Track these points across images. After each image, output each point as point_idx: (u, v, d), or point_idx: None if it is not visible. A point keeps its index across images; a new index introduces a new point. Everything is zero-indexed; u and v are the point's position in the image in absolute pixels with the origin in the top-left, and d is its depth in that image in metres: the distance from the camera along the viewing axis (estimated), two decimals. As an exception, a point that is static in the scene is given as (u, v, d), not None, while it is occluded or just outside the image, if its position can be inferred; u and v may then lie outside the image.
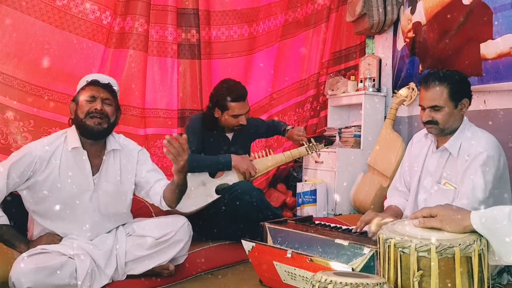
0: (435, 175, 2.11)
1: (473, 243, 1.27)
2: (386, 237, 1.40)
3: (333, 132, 3.83)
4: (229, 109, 2.69)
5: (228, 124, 2.75)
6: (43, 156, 1.93)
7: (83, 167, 1.99)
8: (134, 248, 2.03)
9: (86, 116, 1.95)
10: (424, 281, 1.31)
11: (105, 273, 1.96)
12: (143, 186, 2.12)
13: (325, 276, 1.34)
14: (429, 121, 2.05)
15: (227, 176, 2.71)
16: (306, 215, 2.95)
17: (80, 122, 1.96)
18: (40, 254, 1.80)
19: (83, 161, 1.99)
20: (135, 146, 2.18)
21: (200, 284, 2.12)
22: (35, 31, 2.70)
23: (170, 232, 2.03)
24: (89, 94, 1.98)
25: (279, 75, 3.83)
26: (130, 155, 2.12)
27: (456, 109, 2.03)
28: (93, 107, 1.96)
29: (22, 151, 1.95)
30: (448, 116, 2.02)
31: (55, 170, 1.94)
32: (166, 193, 2.04)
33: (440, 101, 2.01)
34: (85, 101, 1.97)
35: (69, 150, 1.97)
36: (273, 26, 3.71)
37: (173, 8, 3.24)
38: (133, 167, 2.12)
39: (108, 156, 2.05)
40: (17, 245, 1.92)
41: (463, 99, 2.04)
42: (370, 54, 3.84)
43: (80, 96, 1.99)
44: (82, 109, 1.96)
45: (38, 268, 1.73)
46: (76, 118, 1.98)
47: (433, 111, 2.04)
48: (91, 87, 2.00)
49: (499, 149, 1.98)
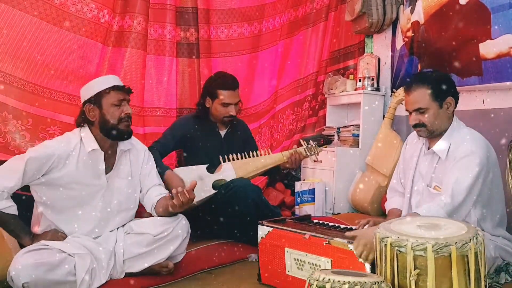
0: (426, 178, 2.10)
1: (469, 241, 1.28)
2: (383, 236, 1.40)
3: (332, 131, 3.83)
4: (219, 96, 2.79)
5: (218, 114, 2.83)
6: (61, 155, 1.99)
7: (98, 167, 2.07)
8: (132, 246, 2.04)
9: (119, 121, 2.05)
10: (420, 280, 1.32)
11: (105, 271, 1.98)
12: (141, 188, 2.21)
13: (323, 275, 1.35)
14: (417, 124, 2.05)
15: (225, 172, 2.71)
16: (304, 214, 2.95)
17: (111, 127, 2.05)
18: (40, 250, 1.82)
19: (99, 161, 2.07)
20: (142, 146, 2.29)
21: (198, 282, 2.12)
22: (33, 29, 2.69)
23: (167, 229, 2.04)
24: (117, 98, 2.06)
25: (280, 74, 3.83)
26: (138, 154, 2.22)
27: (442, 109, 2.02)
28: (123, 112, 2.06)
29: (42, 147, 2.01)
30: (435, 117, 2.01)
31: (71, 170, 2.01)
32: (158, 208, 2.13)
33: (423, 103, 2.01)
34: (113, 105, 2.05)
35: (87, 152, 2.04)
36: (274, 26, 3.71)
37: (172, 7, 3.23)
38: (139, 166, 2.21)
39: (120, 154, 2.14)
40: (22, 236, 1.96)
41: (447, 97, 2.02)
42: (369, 53, 3.83)
43: (105, 100, 2.05)
44: (112, 114, 2.04)
45: (37, 263, 1.75)
46: (103, 122, 2.05)
47: (419, 113, 2.03)
48: (116, 92, 2.07)
49: (487, 149, 1.97)
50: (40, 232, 2.03)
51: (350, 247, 1.65)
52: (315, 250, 1.77)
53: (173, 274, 2.12)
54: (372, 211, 3.22)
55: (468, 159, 1.92)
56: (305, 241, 1.79)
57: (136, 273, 2.05)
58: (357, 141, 3.60)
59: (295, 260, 1.83)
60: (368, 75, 3.68)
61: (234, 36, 3.50)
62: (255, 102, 3.68)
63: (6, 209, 1.91)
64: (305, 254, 1.79)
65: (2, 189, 1.90)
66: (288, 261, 1.86)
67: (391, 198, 2.32)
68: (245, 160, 2.78)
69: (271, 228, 1.95)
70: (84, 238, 2.01)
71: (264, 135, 3.75)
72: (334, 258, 1.72)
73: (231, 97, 2.79)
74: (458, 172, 1.92)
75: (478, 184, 1.91)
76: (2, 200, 1.90)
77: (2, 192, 1.90)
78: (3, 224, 1.94)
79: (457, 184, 1.90)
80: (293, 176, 3.96)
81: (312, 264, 1.78)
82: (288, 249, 1.86)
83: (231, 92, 2.79)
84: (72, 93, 2.87)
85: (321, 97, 4.06)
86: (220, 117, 2.84)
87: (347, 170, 3.47)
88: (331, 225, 2.11)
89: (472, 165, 1.90)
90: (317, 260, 1.76)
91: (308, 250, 1.79)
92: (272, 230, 1.94)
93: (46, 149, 1.99)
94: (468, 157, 1.92)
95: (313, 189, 3.43)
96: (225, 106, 2.80)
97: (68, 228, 2.04)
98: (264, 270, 2.01)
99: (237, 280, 2.13)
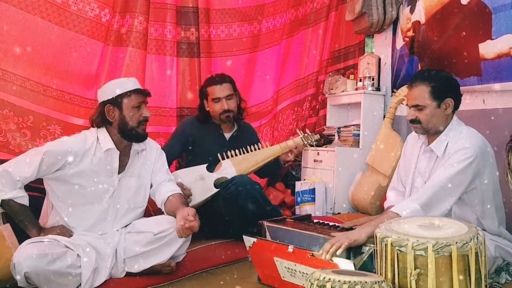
0: (425, 176, 2.11)
1: (470, 241, 1.28)
2: (383, 236, 1.41)
3: (332, 131, 3.82)
4: (209, 94, 2.87)
5: (215, 113, 2.88)
6: (77, 152, 2.03)
7: (112, 165, 2.10)
8: (133, 245, 2.05)
9: (138, 124, 2.12)
10: (421, 280, 1.32)
11: (107, 270, 1.99)
12: (151, 184, 2.25)
13: (323, 274, 1.35)
14: (413, 120, 2.06)
15: (225, 169, 2.71)
16: (304, 213, 2.95)
17: (130, 129, 2.10)
18: (44, 242, 1.84)
19: (114, 160, 2.11)
20: (154, 145, 2.33)
21: (199, 282, 2.12)
22: (34, 28, 2.69)
23: (169, 228, 2.04)
24: (138, 101, 2.13)
25: (281, 74, 3.83)
26: (151, 153, 2.27)
27: (439, 108, 2.02)
28: (142, 115, 2.13)
29: (60, 142, 2.07)
30: (431, 116, 2.02)
31: (86, 167, 2.05)
32: (168, 206, 2.16)
33: (422, 100, 2.02)
34: (133, 107, 2.11)
35: (102, 151, 2.07)
36: (275, 25, 3.70)
37: (172, 6, 3.24)
38: (151, 164, 2.25)
39: (134, 155, 2.19)
40: (30, 228, 1.99)
41: (447, 98, 2.02)
42: (369, 53, 3.83)
43: (126, 102, 2.10)
44: (132, 117, 2.10)
45: (40, 254, 1.77)
46: (123, 123, 2.10)
47: (416, 110, 2.04)
48: (137, 95, 2.13)
49: (482, 145, 1.97)
50: (48, 226, 2.07)
51: (335, 261, 1.62)
52: (302, 261, 1.74)
53: (173, 274, 2.12)
54: (372, 210, 3.22)
55: (459, 153, 1.92)
56: (291, 253, 1.76)
57: (137, 272, 2.05)
58: (357, 141, 3.60)
59: (286, 268, 1.81)
60: (369, 75, 3.67)
61: (234, 35, 3.51)
62: (255, 101, 3.67)
63: (18, 199, 1.95)
64: (294, 264, 1.76)
65: (18, 178, 1.94)
66: (280, 269, 1.84)
67: (390, 197, 2.33)
68: (244, 155, 2.79)
69: (255, 239, 1.90)
70: (90, 236, 2.04)
71: (265, 135, 3.75)
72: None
73: (219, 91, 2.85)
74: (444, 165, 1.94)
75: (466, 176, 1.90)
76: (16, 189, 1.95)
77: (17, 181, 1.94)
78: (14, 214, 1.98)
79: (436, 176, 1.91)
80: (293, 176, 3.96)
81: (303, 273, 1.75)
82: (277, 259, 1.83)
83: (218, 86, 2.86)
84: (73, 92, 2.87)
85: (321, 97, 4.06)
86: (218, 115, 2.87)
87: (347, 170, 3.47)
88: (331, 225, 2.11)
89: (461, 158, 1.91)
90: (307, 270, 1.72)
91: (295, 261, 1.76)
92: (256, 241, 1.90)
93: (63, 144, 2.03)
94: (460, 151, 1.93)
95: (313, 189, 3.42)
96: (217, 102, 2.85)
97: (77, 223, 2.06)
98: (261, 273, 2.01)
99: (237, 279, 2.13)
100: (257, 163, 2.79)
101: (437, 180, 1.91)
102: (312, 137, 2.94)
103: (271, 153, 2.84)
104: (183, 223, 1.93)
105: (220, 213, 2.61)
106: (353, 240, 1.69)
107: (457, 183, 1.90)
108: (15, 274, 1.77)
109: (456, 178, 1.89)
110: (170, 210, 2.12)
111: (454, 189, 1.90)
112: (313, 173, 3.66)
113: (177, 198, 2.17)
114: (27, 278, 1.76)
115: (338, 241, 1.67)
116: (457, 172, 1.89)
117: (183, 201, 2.20)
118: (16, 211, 1.97)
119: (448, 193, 1.89)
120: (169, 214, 2.13)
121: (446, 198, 1.90)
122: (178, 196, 2.19)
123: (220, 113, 2.85)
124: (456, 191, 1.91)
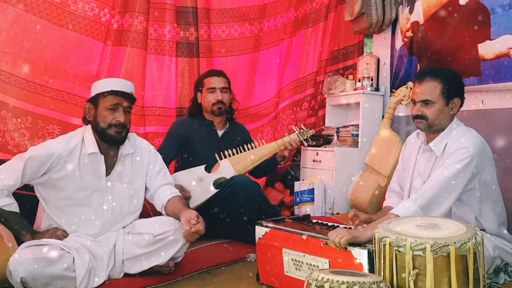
0: (424, 176, 2.11)
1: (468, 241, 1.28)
2: (381, 236, 1.41)
3: (331, 131, 3.82)
4: (205, 84, 2.95)
5: (207, 103, 2.92)
6: (61, 155, 1.99)
7: (99, 169, 2.06)
8: (132, 246, 2.04)
9: (108, 126, 2.03)
10: (419, 280, 1.32)
11: (105, 271, 1.98)
12: (149, 188, 2.20)
13: (322, 275, 1.35)
14: (419, 116, 2.06)
15: (224, 169, 2.72)
16: (303, 214, 2.95)
17: (101, 130, 2.04)
18: (39, 245, 1.84)
19: (99, 164, 2.07)
20: (147, 147, 2.25)
21: (197, 282, 2.12)
22: (33, 27, 2.69)
23: (169, 231, 2.03)
24: (112, 103, 2.03)
25: (282, 74, 3.83)
26: (142, 156, 2.19)
27: (447, 107, 2.03)
28: (115, 118, 2.03)
29: (42, 147, 2.02)
30: (439, 113, 2.03)
31: (71, 171, 2.01)
32: (169, 209, 2.12)
33: (433, 96, 2.02)
34: (107, 109, 2.03)
35: (86, 154, 2.04)
36: (276, 25, 3.71)
37: (172, 6, 3.24)
38: (144, 168, 2.19)
39: (120, 158, 2.12)
40: (23, 234, 1.97)
41: (455, 98, 2.04)
42: (368, 54, 3.83)
43: (101, 102, 2.04)
44: (104, 119, 2.03)
45: (35, 258, 1.76)
46: (96, 123, 2.05)
47: (424, 105, 2.04)
48: (114, 97, 2.04)
49: (480, 145, 1.97)
50: (42, 229, 2.05)
51: (348, 248, 1.65)
52: (313, 251, 1.76)
53: (172, 274, 2.11)
54: (371, 211, 3.21)
55: (458, 152, 1.93)
56: (303, 242, 1.79)
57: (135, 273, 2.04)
58: (356, 141, 3.60)
59: (293, 260, 1.83)
60: (368, 75, 3.68)
61: (234, 35, 3.51)
62: (256, 102, 3.68)
63: (7, 207, 1.93)
64: (302, 255, 1.79)
65: (2, 187, 1.92)
66: (286, 262, 1.86)
67: (388, 198, 2.34)
68: (241, 154, 2.79)
69: (269, 228, 1.95)
70: (84, 237, 2.01)
71: (266, 136, 3.75)
72: (332, 259, 1.72)
73: (216, 82, 2.93)
74: (443, 165, 1.94)
75: (465, 176, 1.90)
76: (3, 198, 1.92)
77: (2, 190, 1.92)
78: (5, 222, 1.96)
79: (435, 176, 1.92)
80: (292, 176, 3.97)
81: (310, 265, 1.78)
82: (286, 250, 1.85)
83: (215, 77, 2.95)
84: (71, 92, 2.87)
85: (320, 97, 4.06)
86: (210, 106, 2.90)
87: (346, 170, 3.47)
88: (330, 225, 2.11)
89: (460, 158, 1.91)
90: (315, 260, 1.75)
91: (306, 251, 1.79)
92: (269, 230, 1.94)
93: (46, 148, 1.99)
94: (458, 150, 1.93)
95: (312, 189, 3.43)
96: (212, 92, 2.90)
97: (69, 227, 2.04)
98: (262, 270, 2.01)
99: (236, 279, 2.13)
100: (254, 161, 2.80)
101: (436, 181, 1.91)
102: (307, 132, 2.94)
103: (268, 151, 2.84)
104: (189, 228, 1.92)
105: (219, 213, 2.61)
106: (355, 237, 1.69)
107: (456, 183, 1.90)
108: (11, 280, 1.76)
109: (455, 178, 1.90)
110: (172, 213, 2.10)
111: (453, 189, 1.90)
112: (312, 173, 3.66)
113: (177, 200, 2.14)
114: (24, 283, 1.74)
115: (341, 232, 1.69)
116: (456, 172, 1.90)
117: (184, 202, 2.17)
118: (7, 219, 1.94)
119: (448, 193, 1.90)
120: (169, 215, 2.12)
121: (446, 198, 1.90)
122: (178, 199, 2.16)
123: (213, 103, 2.89)
124: (455, 191, 1.91)
